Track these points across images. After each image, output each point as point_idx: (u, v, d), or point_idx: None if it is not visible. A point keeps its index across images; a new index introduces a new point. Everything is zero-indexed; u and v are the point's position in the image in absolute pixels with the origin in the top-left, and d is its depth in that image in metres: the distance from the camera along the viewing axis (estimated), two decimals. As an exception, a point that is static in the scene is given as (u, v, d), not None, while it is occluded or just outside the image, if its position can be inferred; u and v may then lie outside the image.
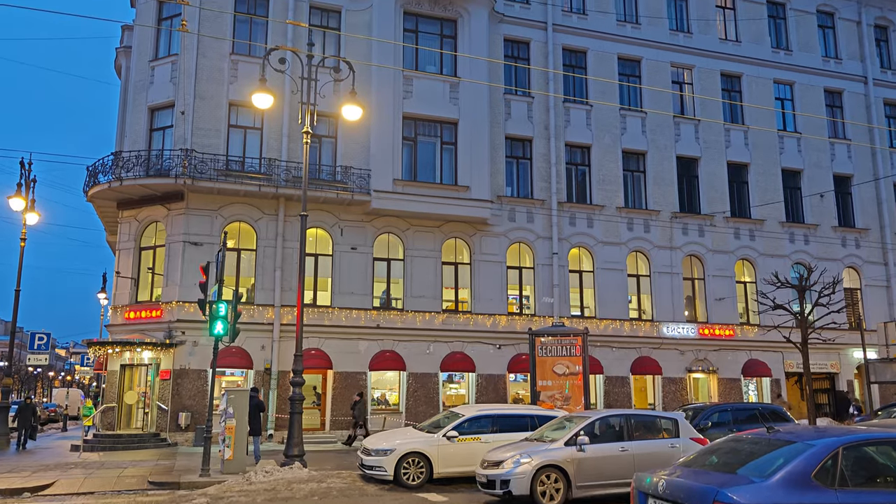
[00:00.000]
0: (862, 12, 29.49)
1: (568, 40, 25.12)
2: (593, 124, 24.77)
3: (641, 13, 26.29)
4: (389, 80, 21.80)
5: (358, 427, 19.08)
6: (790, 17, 28.49)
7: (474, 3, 23.14)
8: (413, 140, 22.32)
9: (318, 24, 22.61)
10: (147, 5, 22.12)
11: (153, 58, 21.88)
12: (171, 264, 20.28)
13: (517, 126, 23.98)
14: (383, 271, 22.13)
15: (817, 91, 28.12)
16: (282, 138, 21.31)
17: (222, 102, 21.10)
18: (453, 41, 23.23)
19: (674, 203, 25.17)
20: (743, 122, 26.72)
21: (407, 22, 22.89)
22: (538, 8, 24.94)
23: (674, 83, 26.29)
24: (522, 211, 23.49)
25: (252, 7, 22.15)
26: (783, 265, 25.77)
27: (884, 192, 28.07)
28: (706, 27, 27.03)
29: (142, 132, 21.43)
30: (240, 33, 21.83)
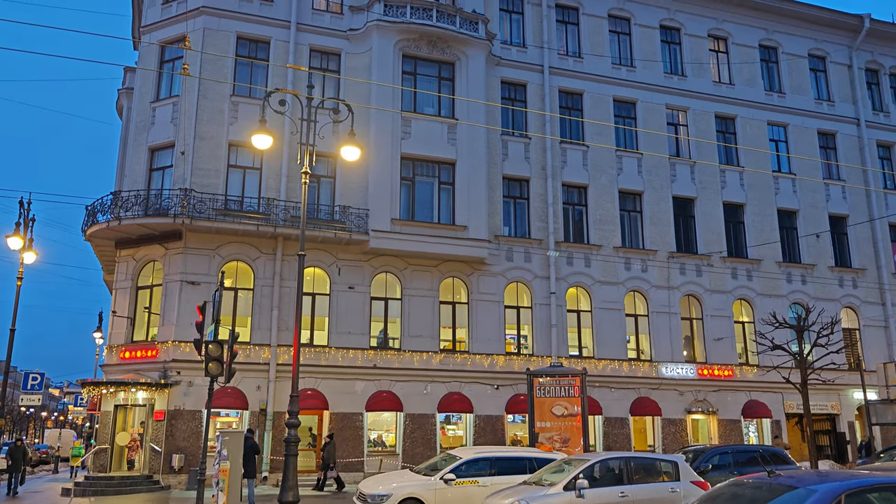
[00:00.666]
0: (853, 56, 30.02)
1: (564, 83, 25.50)
2: (590, 165, 24.99)
3: (636, 57, 26.74)
4: (388, 122, 22.04)
5: (329, 469, 18.70)
6: (782, 60, 28.99)
7: (472, 47, 23.53)
8: (411, 180, 22.47)
9: (318, 66, 22.95)
10: (149, 48, 22.48)
11: (154, 99, 22.15)
12: (167, 304, 20.21)
13: (514, 166, 24.18)
14: (381, 311, 22.07)
15: (811, 133, 28.47)
16: (281, 178, 21.45)
17: (222, 143, 21.28)
18: (451, 83, 23.55)
19: (671, 243, 25.26)
20: (738, 163, 26.98)
21: (406, 64, 23.24)
22: (534, 52, 25.36)
23: (669, 125, 26.62)
24: (520, 250, 23.54)
25: (253, 50, 22.50)
26: (781, 305, 25.76)
27: (879, 232, 28.22)
28: (700, 70, 27.47)
29: (142, 172, 21.57)
30: (241, 75, 22.14)
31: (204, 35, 21.67)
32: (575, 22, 26.50)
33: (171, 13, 22.54)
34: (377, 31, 22.67)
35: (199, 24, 21.79)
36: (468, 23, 23.55)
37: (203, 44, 21.44)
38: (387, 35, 22.72)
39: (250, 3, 22.60)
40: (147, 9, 23.32)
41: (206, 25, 21.83)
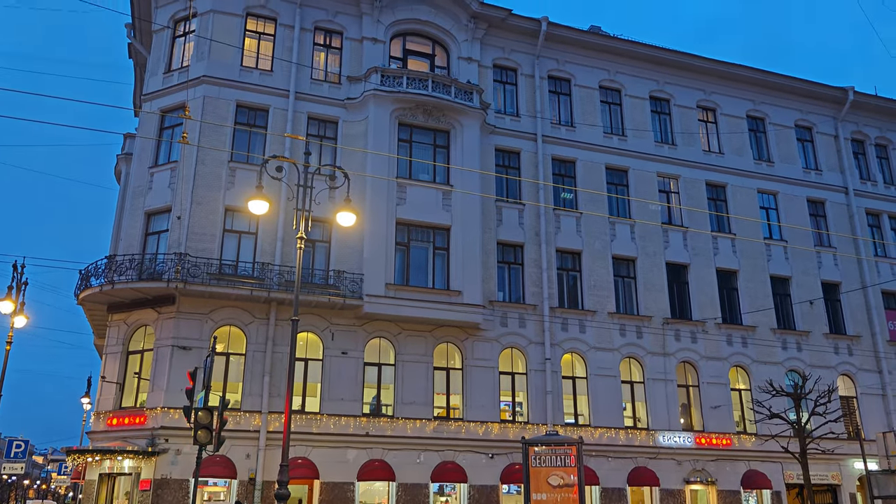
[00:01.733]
0: (838, 127, 30.75)
1: (557, 150, 25.97)
2: (583, 231, 25.21)
3: (627, 126, 27.34)
4: (384, 188, 22.29)
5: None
6: (770, 130, 29.67)
7: (466, 116, 24.03)
8: (406, 245, 22.58)
9: (316, 133, 23.36)
10: (150, 115, 22.88)
11: (153, 164, 22.41)
12: (157, 369, 19.95)
13: (509, 232, 24.37)
14: (374, 377, 21.82)
15: (800, 201, 28.89)
16: (276, 242, 21.53)
17: (218, 208, 21.44)
18: (446, 151, 23.95)
19: (665, 309, 25.25)
20: (730, 231, 27.25)
21: (402, 132, 23.66)
22: (528, 121, 25.92)
23: (661, 192, 27.00)
24: (514, 316, 23.48)
25: (252, 117, 22.93)
26: (777, 372, 25.59)
27: (872, 299, 28.30)
28: (690, 139, 28.06)
29: (137, 236, 21.64)
30: (239, 142, 22.48)
31: (204, 103, 22.11)
32: (567, 92, 27.19)
33: (172, 82, 23.05)
34: (374, 101, 23.18)
35: (199, 92, 22.26)
36: (463, 93, 24.13)
37: (203, 111, 21.86)
38: (383, 104, 23.23)
39: (250, 72, 23.17)
40: (149, 78, 23.86)
41: (206, 94, 22.30)
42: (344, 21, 24.67)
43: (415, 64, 25.33)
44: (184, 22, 23.81)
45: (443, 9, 25.41)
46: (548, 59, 27.00)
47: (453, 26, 25.52)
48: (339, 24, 24.63)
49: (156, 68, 23.71)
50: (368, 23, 24.63)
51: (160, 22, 24.05)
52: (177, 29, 24.07)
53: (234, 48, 23.03)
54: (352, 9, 24.76)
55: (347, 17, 24.73)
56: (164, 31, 23.89)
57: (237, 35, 23.39)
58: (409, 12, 25.18)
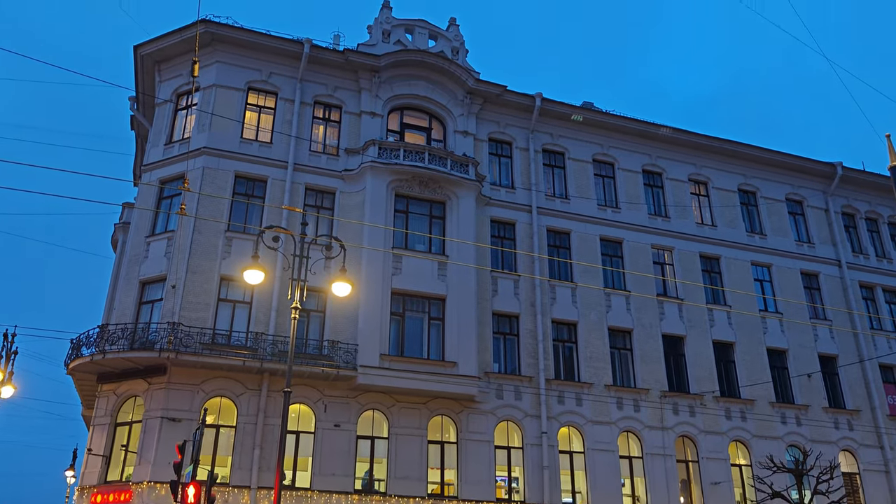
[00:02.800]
0: (829, 201, 31.20)
1: (552, 222, 26.21)
2: (579, 302, 25.18)
3: (621, 199, 27.71)
4: (379, 258, 22.35)
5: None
6: (761, 204, 30.09)
7: (462, 188, 24.35)
8: (401, 315, 22.48)
9: (313, 203, 23.60)
10: (149, 186, 23.11)
11: (150, 233, 22.50)
12: (146, 441, 19.48)
13: (504, 302, 24.32)
14: (367, 450, 21.32)
15: (794, 273, 29.02)
16: (270, 312, 21.42)
17: (214, 277, 21.42)
18: (442, 222, 24.14)
19: (662, 381, 24.98)
20: (725, 303, 27.25)
21: (398, 203, 23.90)
22: (522, 193, 26.26)
23: (655, 263, 27.12)
24: (510, 388, 23.18)
25: (250, 188, 23.19)
26: (777, 447, 25.13)
27: (870, 373, 28.07)
28: (683, 212, 28.39)
29: (131, 305, 21.52)
30: (236, 211, 22.65)
31: (203, 174, 22.40)
32: (561, 165, 27.67)
33: (172, 153, 23.41)
34: (371, 172, 23.52)
35: (199, 163, 22.58)
36: (459, 165, 24.52)
37: (202, 182, 22.12)
38: (380, 176, 23.55)
39: (250, 144, 23.57)
40: (150, 149, 24.24)
41: (205, 165, 22.61)
42: (343, 95, 25.29)
43: (412, 137, 25.84)
44: (186, 95, 24.38)
45: (440, 84, 26.11)
46: (542, 134, 27.59)
47: (450, 101, 26.16)
48: (338, 99, 25.23)
49: (157, 139, 24.12)
50: (367, 98, 25.24)
51: (163, 96, 24.62)
52: (179, 102, 24.62)
53: (235, 121, 23.48)
54: (351, 84, 25.42)
55: (347, 91, 25.36)
56: (167, 104, 24.42)
57: (238, 108, 23.91)
58: (406, 88, 25.87)
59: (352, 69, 25.32)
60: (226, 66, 24.26)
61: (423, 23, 27.24)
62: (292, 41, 24.60)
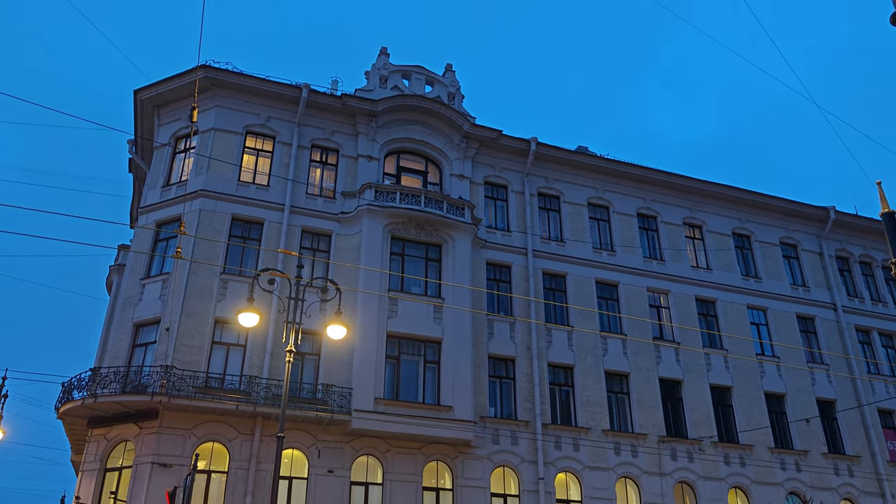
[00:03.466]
0: (822, 245, 31.36)
1: (547, 265, 26.25)
2: (575, 345, 25.07)
3: (616, 242, 27.82)
4: (375, 301, 22.30)
5: None
6: (756, 248, 30.22)
7: (458, 231, 24.44)
8: (396, 358, 22.33)
9: (309, 246, 23.64)
10: (145, 228, 23.14)
11: (145, 276, 22.44)
12: (135, 488, 19.10)
13: (500, 346, 24.19)
14: (360, 497, 20.93)
15: (790, 317, 29.00)
16: (264, 355, 21.26)
17: (208, 319, 21.30)
18: (438, 264, 24.17)
19: (660, 426, 24.72)
20: (722, 346, 27.16)
21: (394, 246, 23.96)
22: (518, 236, 26.36)
23: (651, 307, 27.09)
24: (506, 433, 22.90)
25: (247, 230, 23.24)
26: (778, 494, 24.77)
27: (869, 418, 27.83)
28: (678, 255, 28.49)
29: (124, 348, 21.35)
30: (232, 253, 22.66)
31: (200, 216, 22.46)
32: (556, 209, 27.84)
33: (169, 195, 23.52)
34: (367, 215, 23.62)
35: (196, 205, 22.67)
36: (455, 208, 24.66)
37: (198, 224, 22.17)
38: (376, 218, 23.65)
39: (247, 187, 23.71)
40: (147, 191, 24.35)
41: (202, 207, 22.70)
42: (340, 139, 25.55)
43: (408, 180, 26.04)
44: (185, 139, 24.61)
45: (436, 129, 26.42)
46: (537, 177, 27.83)
47: (446, 145, 26.44)
48: (335, 143, 25.49)
49: (154, 182, 24.25)
50: (364, 142, 25.50)
51: (162, 139, 24.84)
52: (177, 145, 24.83)
53: (232, 165, 23.65)
54: (348, 128, 25.71)
55: (344, 135, 25.63)
56: (165, 147, 24.62)
57: (236, 151, 24.12)
58: (403, 132, 26.17)
59: (349, 114, 25.64)
60: (224, 111, 24.54)
61: (420, 69, 27.70)
62: (291, 86, 24.94)
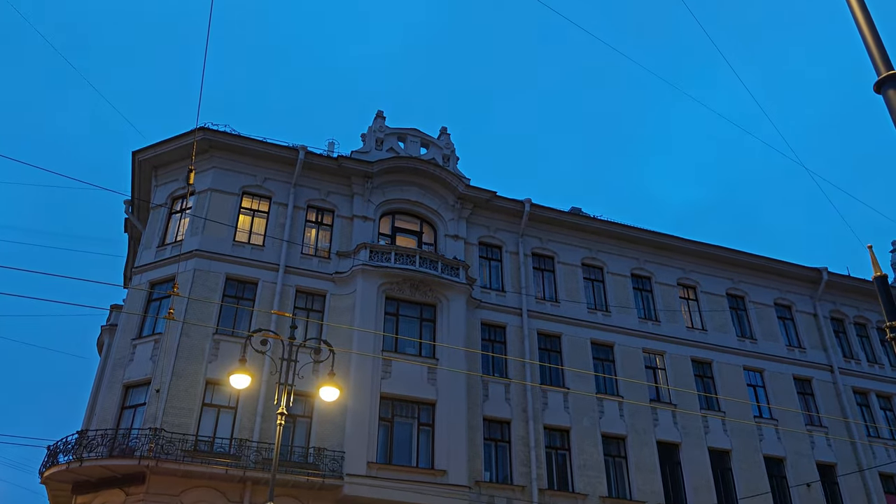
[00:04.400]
0: (816, 306, 31.38)
1: (542, 325, 26.15)
2: (571, 408, 24.74)
3: (611, 303, 27.79)
4: (369, 362, 22.08)
5: None
6: (750, 308, 30.21)
7: (453, 291, 24.42)
8: (390, 421, 21.96)
9: (303, 306, 23.54)
10: (139, 288, 23.05)
11: (137, 336, 22.24)
12: (118, 556, 18.48)
13: (495, 408, 23.86)
14: (351, 567, 20.27)
15: (787, 378, 28.78)
16: (255, 417, 20.89)
17: (199, 380, 21.01)
18: (432, 324, 24.04)
19: (658, 492, 24.17)
20: (719, 409, 26.84)
21: (388, 306, 23.87)
22: (513, 296, 26.33)
23: (647, 368, 26.88)
24: (502, 499, 22.35)
25: (241, 290, 23.16)
26: (781, 563, 24.06)
27: (871, 483, 27.31)
28: (673, 316, 28.43)
29: (112, 410, 20.97)
30: (225, 313, 22.51)
31: (194, 276, 22.42)
32: (551, 269, 27.91)
33: (164, 255, 23.52)
34: (362, 275, 23.62)
35: (190, 265, 22.65)
36: (449, 268, 24.69)
37: (192, 284, 22.11)
38: (371, 279, 23.64)
39: (242, 247, 23.74)
40: (142, 251, 24.35)
41: (197, 267, 22.67)
42: (336, 200, 25.76)
43: (403, 240, 26.16)
44: (181, 199, 24.77)
45: (431, 190, 26.70)
46: (531, 238, 27.99)
47: (441, 206, 26.67)
48: (331, 203, 25.69)
49: (150, 242, 24.28)
50: (359, 202, 25.71)
51: (158, 200, 25.00)
52: (174, 206, 24.98)
53: (228, 226, 23.75)
54: (344, 189, 25.95)
55: (339, 196, 25.86)
56: (162, 207, 24.76)
57: (232, 212, 24.25)
58: (398, 193, 26.42)
59: (345, 175, 25.93)
60: (222, 172, 24.79)
61: (416, 131, 28.18)
62: (288, 148, 25.28)
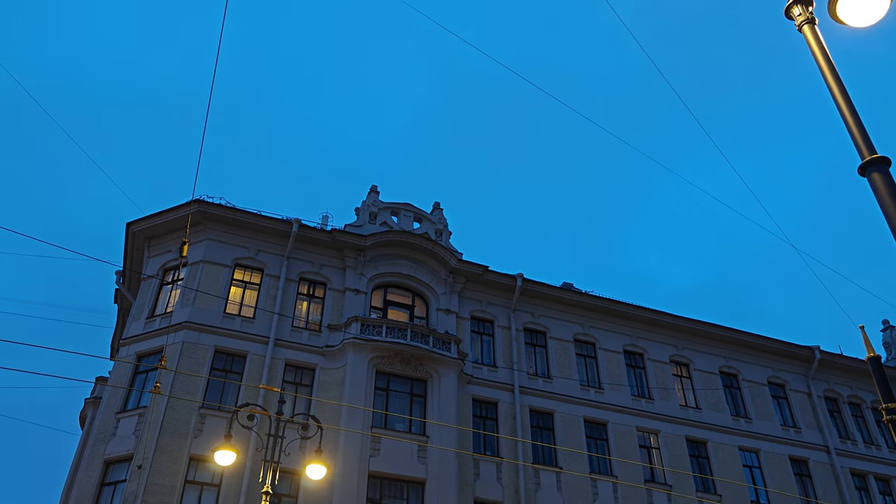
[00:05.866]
0: (810, 385, 31.12)
1: (535, 402, 25.77)
2: (564, 489, 24.11)
3: (604, 379, 27.51)
4: (357, 439, 21.60)
5: None
6: (744, 387, 29.93)
7: (444, 366, 24.16)
8: (378, 502, 21.30)
9: (292, 380, 23.18)
10: (126, 360, 22.72)
11: (121, 409, 21.75)
12: None
13: (486, 489, 23.21)
14: None
15: (783, 459, 28.25)
16: (240, 496, 20.22)
17: (183, 456, 20.44)
18: (423, 400, 23.67)
19: (655, 578, 23.33)
20: (715, 491, 26.20)
21: (379, 380, 23.54)
22: (505, 372, 26.06)
23: (641, 447, 26.38)
24: (493, 585, 21.49)
25: (229, 363, 22.84)
26: None
27: (873, 569, 26.51)
28: (667, 394, 28.12)
29: (91, 487, 20.28)
30: (213, 387, 22.11)
31: (182, 348, 22.14)
32: (543, 345, 27.73)
33: (153, 326, 23.28)
34: (353, 349, 23.38)
35: (179, 337, 22.40)
36: (441, 343, 24.50)
37: (180, 356, 21.81)
38: (362, 352, 23.40)
39: (232, 319, 23.55)
40: (131, 322, 24.12)
41: (185, 339, 22.42)
42: (328, 273, 25.77)
43: (395, 314, 26.03)
44: (173, 271, 24.72)
45: (423, 264, 26.77)
46: (524, 313, 27.93)
47: (433, 280, 26.69)
48: (323, 276, 25.68)
49: (139, 313, 24.08)
50: (352, 275, 25.72)
51: (150, 271, 24.94)
52: (165, 277, 24.91)
53: (219, 297, 23.64)
54: (337, 262, 26.00)
55: (332, 269, 25.88)
56: (153, 279, 24.68)
57: (224, 284, 24.17)
58: (391, 266, 26.48)
59: (338, 248, 26.03)
60: (215, 243, 24.85)
61: (409, 206, 28.49)
62: (282, 221, 25.43)
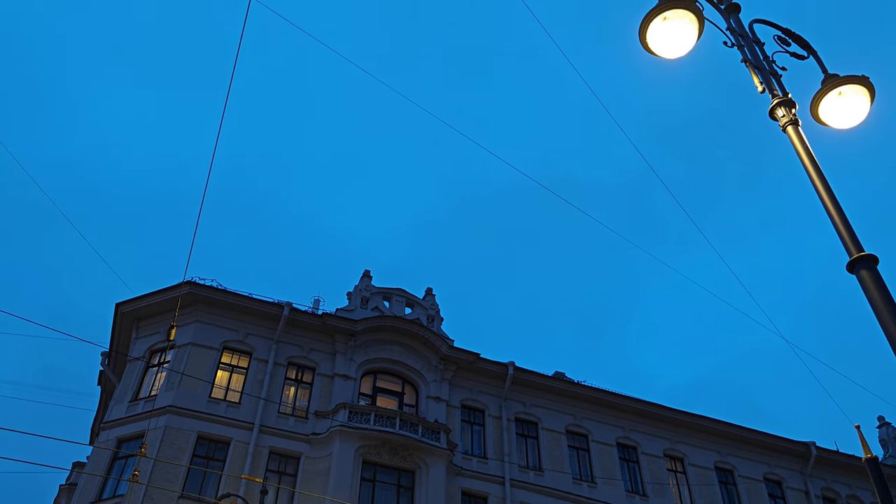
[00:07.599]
0: (807, 482, 30.35)
1: (525, 497, 24.99)
2: (555, 590, 23.08)
3: (596, 473, 26.80)
4: (341, 533, 20.77)
5: None
6: (740, 483, 29.17)
7: (433, 456, 23.53)
8: None
9: (276, 468, 22.47)
10: (105, 445, 22.03)
11: (96, 499, 20.91)
12: None
13: (474, 589, 22.20)
14: None
15: (783, 562, 27.25)
16: None
17: (158, 550, 19.55)
18: (410, 493, 22.93)
19: None
20: None
21: (365, 471, 22.85)
22: (495, 464, 25.38)
23: (636, 547, 25.45)
24: None
25: (211, 450, 22.17)
26: None
27: None
28: (661, 490, 27.33)
29: (59, 581, 19.28)
30: (193, 474, 21.38)
31: (164, 433, 21.54)
32: (534, 435, 27.13)
33: (136, 410, 22.73)
34: (339, 437, 22.80)
35: (161, 422, 21.83)
36: (430, 432, 23.94)
37: (162, 442, 21.19)
38: (348, 441, 22.81)
39: (217, 404, 23.04)
40: (113, 405, 23.57)
41: (168, 424, 21.85)
42: (317, 357, 25.43)
43: (384, 401, 25.54)
44: (160, 353, 24.36)
45: (414, 350, 26.49)
46: (515, 402, 27.46)
47: (423, 367, 26.35)
48: (312, 360, 25.33)
49: (122, 396, 23.56)
50: (341, 360, 25.38)
51: (137, 352, 24.57)
52: (152, 359, 24.53)
53: (205, 381, 23.20)
54: (326, 346, 25.70)
55: (321, 354, 25.55)
56: (139, 361, 24.28)
57: (211, 367, 23.78)
58: (381, 352, 26.17)
59: (328, 332, 25.79)
60: (204, 326, 24.60)
61: (401, 291, 28.45)
62: (273, 304, 25.28)
